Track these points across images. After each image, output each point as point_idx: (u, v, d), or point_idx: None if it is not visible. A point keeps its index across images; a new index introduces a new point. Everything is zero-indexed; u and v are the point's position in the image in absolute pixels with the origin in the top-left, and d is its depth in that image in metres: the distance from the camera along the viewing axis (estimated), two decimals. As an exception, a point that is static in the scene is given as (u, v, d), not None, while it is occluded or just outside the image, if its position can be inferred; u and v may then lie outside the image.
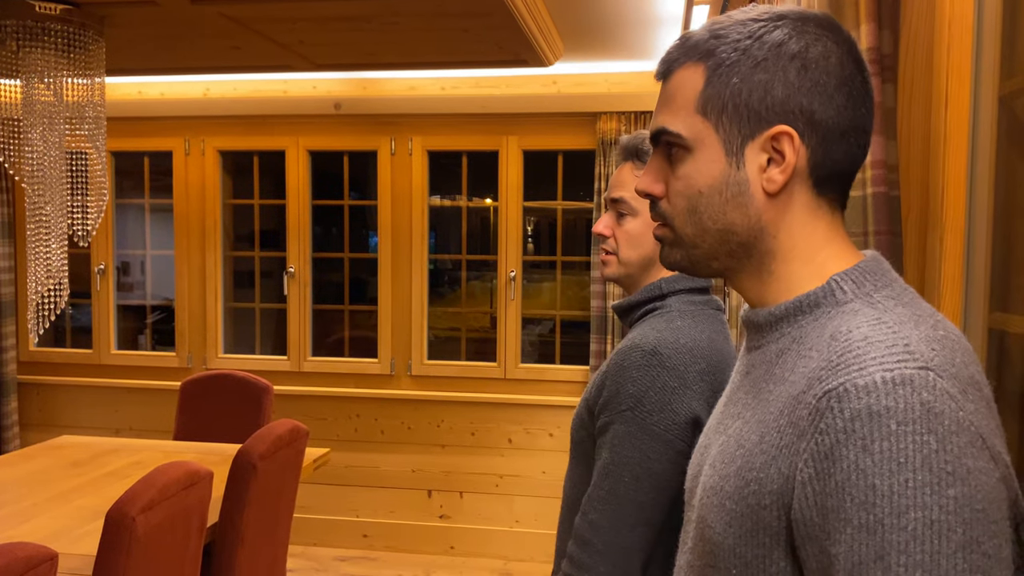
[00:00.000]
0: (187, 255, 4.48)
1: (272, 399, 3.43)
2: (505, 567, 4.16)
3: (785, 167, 0.75)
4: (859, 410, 0.62)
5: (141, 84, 4.34)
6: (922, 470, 0.60)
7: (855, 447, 0.62)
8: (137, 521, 1.89)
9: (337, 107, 4.23)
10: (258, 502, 2.49)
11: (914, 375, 0.63)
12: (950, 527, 0.59)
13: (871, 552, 0.60)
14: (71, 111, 2.65)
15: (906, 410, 0.61)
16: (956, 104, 1.09)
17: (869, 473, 0.61)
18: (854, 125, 0.75)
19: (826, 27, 0.76)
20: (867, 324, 0.69)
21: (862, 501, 0.61)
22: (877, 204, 1.28)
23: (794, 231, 0.77)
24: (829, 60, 0.74)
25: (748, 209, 0.77)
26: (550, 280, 4.60)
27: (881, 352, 0.65)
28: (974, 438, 0.62)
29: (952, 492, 0.60)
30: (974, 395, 0.65)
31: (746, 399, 0.79)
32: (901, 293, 0.74)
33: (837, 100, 0.74)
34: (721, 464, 0.76)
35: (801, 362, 0.72)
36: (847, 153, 0.76)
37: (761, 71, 0.74)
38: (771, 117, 0.75)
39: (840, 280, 0.75)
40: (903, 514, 0.60)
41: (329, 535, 4.37)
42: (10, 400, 4.52)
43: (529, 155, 4.23)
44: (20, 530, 2.34)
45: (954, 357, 0.66)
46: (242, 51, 3.32)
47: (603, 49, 3.61)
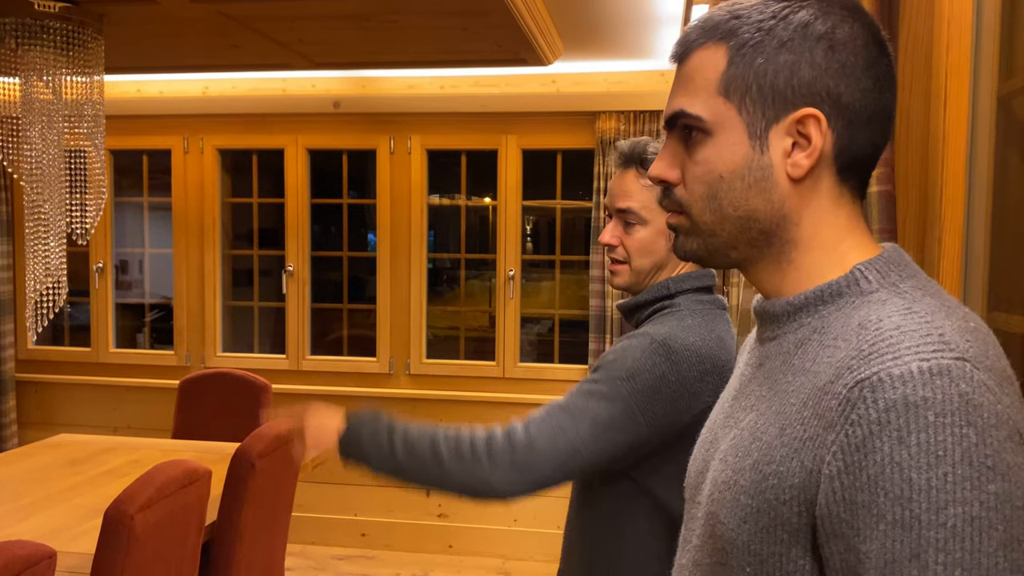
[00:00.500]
0: (186, 253, 4.48)
1: (271, 398, 3.43)
2: (503, 566, 4.16)
3: (811, 151, 0.72)
4: (895, 400, 0.60)
5: (140, 82, 4.34)
6: (962, 464, 0.57)
7: (890, 439, 0.59)
8: (136, 519, 1.89)
9: (336, 106, 4.23)
10: (256, 500, 2.49)
11: (951, 365, 0.60)
12: (991, 524, 0.56)
13: (906, 549, 0.58)
14: (70, 109, 2.65)
15: (944, 401, 0.59)
16: (955, 104, 1.10)
17: (905, 466, 0.58)
18: (879, 110, 0.73)
19: (851, 9, 0.73)
20: (898, 313, 0.66)
21: (897, 496, 0.58)
22: (882, 202, 1.27)
23: (817, 219, 0.75)
24: (856, 42, 0.72)
25: (771, 195, 0.74)
26: (549, 279, 4.60)
27: (916, 341, 0.62)
28: (1012, 432, 0.59)
29: (993, 488, 0.57)
30: (1008, 388, 0.62)
31: (760, 391, 0.76)
32: (926, 284, 0.72)
33: (864, 83, 0.72)
34: (734, 458, 0.73)
35: (825, 352, 0.70)
36: (870, 139, 0.74)
37: (787, 52, 0.72)
38: (797, 100, 0.72)
39: (864, 269, 0.72)
40: (942, 510, 0.57)
41: (327, 534, 4.37)
42: (8, 398, 4.52)
43: (528, 154, 4.23)
44: (18, 528, 2.34)
45: (987, 349, 0.64)
46: (241, 49, 3.32)
47: (602, 48, 3.61)
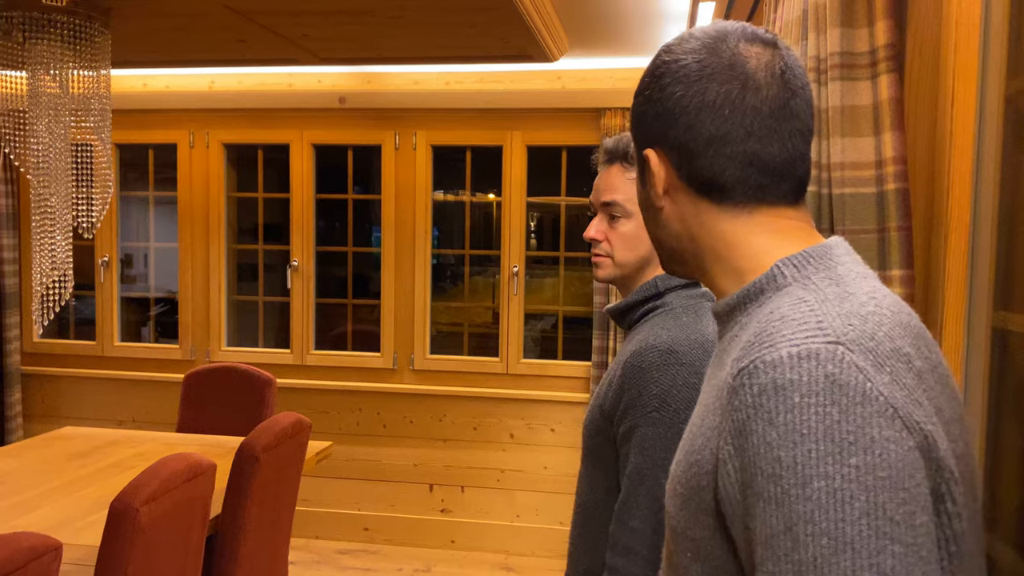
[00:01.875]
0: (191, 248, 4.49)
1: (275, 392, 3.44)
2: (506, 561, 4.17)
3: (656, 183, 0.84)
4: (765, 384, 0.64)
5: (146, 76, 4.34)
6: (824, 440, 0.61)
7: (762, 421, 0.63)
8: (141, 512, 1.89)
9: (342, 101, 4.23)
10: (261, 494, 2.50)
11: (820, 349, 0.64)
12: (852, 495, 0.60)
13: (780, 524, 0.62)
14: (76, 103, 2.65)
15: (809, 383, 0.63)
16: (962, 103, 1.09)
17: (774, 445, 0.62)
18: (718, 132, 0.79)
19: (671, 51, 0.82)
20: (788, 305, 0.71)
21: (770, 474, 0.62)
22: (900, 199, 1.27)
23: (707, 233, 0.82)
24: (673, 89, 0.81)
25: (662, 223, 0.86)
26: (552, 276, 4.60)
27: (792, 329, 0.67)
28: (882, 408, 0.62)
29: (854, 460, 0.60)
30: (895, 366, 0.65)
31: (705, 387, 0.82)
32: (844, 275, 0.75)
33: (684, 120, 0.80)
34: (679, 451, 0.79)
35: (737, 345, 0.74)
36: (717, 162, 0.79)
37: (636, 113, 0.86)
38: (643, 145, 0.85)
39: (783, 265, 0.77)
40: (807, 484, 0.61)
41: (330, 528, 4.38)
42: (14, 391, 4.53)
43: (533, 150, 4.23)
44: (23, 520, 2.35)
45: (877, 331, 0.67)
46: (247, 44, 3.33)
47: (608, 45, 3.61)
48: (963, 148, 1.10)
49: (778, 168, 0.79)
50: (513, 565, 4.13)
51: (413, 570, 4.04)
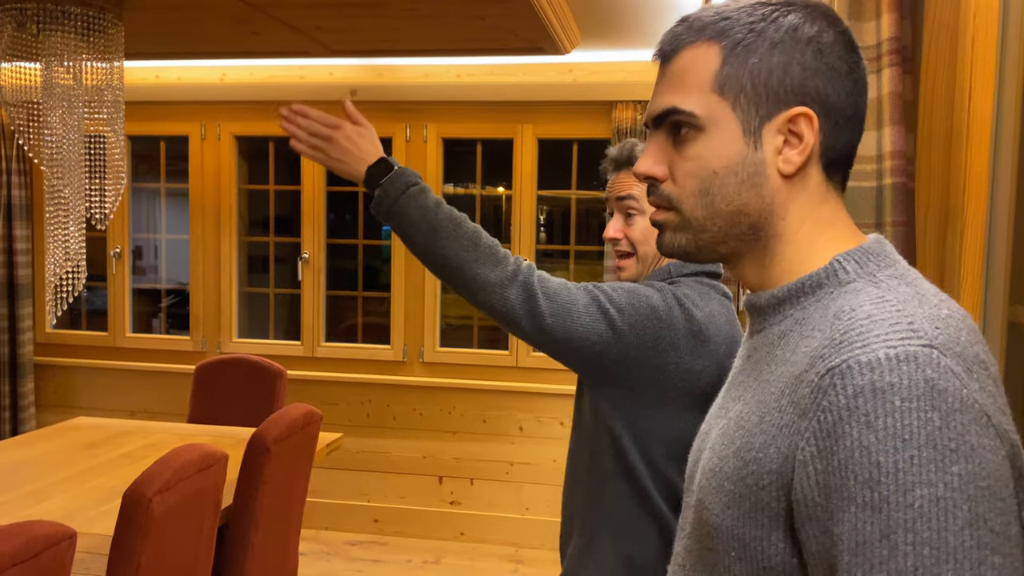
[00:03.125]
0: (202, 240, 4.50)
1: (286, 383, 3.45)
2: (515, 554, 4.18)
3: (803, 148, 0.75)
4: (862, 386, 0.62)
5: (158, 68, 4.36)
6: (927, 447, 0.59)
7: (859, 424, 0.61)
8: (154, 502, 1.91)
9: (353, 94, 4.23)
10: (272, 485, 2.51)
11: (918, 352, 0.62)
12: (956, 504, 0.58)
13: (876, 531, 0.60)
14: (90, 95, 2.66)
15: (910, 386, 0.61)
16: (980, 96, 1.09)
17: (873, 450, 0.60)
18: (857, 111, 0.77)
19: (830, 17, 0.77)
20: (870, 303, 0.68)
21: (866, 479, 0.60)
22: (896, 195, 1.27)
23: (803, 213, 0.77)
24: (838, 47, 0.75)
25: (762, 190, 0.77)
26: (562, 269, 4.60)
27: (885, 330, 0.64)
28: (978, 415, 0.61)
29: (956, 469, 0.59)
30: (979, 373, 0.64)
31: (747, 382, 0.79)
32: (905, 273, 0.74)
33: (847, 85, 0.76)
34: (720, 446, 0.76)
35: (803, 342, 0.71)
36: (850, 138, 0.78)
37: (779, 53, 0.75)
38: (789, 99, 0.75)
39: (843, 260, 0.75)
40: (909, 491, 0.59)
41: (340, 519, 4.40)
42: (27, 381, 4.57)
43: (544, 143, 4.23)
44: (37, 509, 2.37)
45: (959, 336, 0.65)
46: (259, 36, 3.33)
47: (620, 37, 3.60)
48: (980, 142, 1.10)
49: (855, 151, 0.80)
50: (522, 557, 4.14)
51: (422, 562, 4.06)
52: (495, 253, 1.31)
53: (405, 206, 1.33)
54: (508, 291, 1.29)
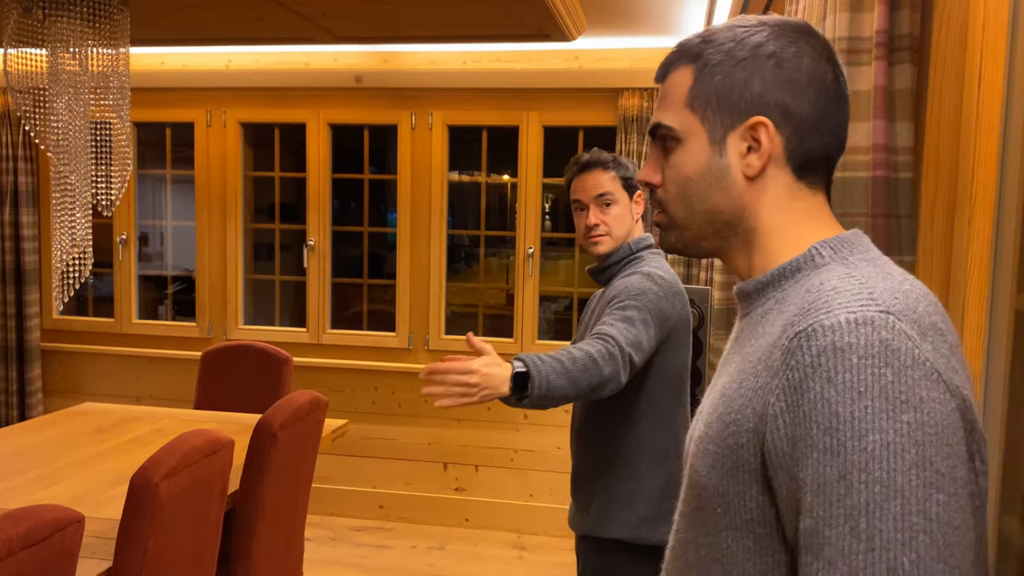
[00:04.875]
0: (208, 227, 4.51)
1: (292, 370, 3.46)
2: (519, 540, 4.20)
3: (762, 153, 0.84)
4: (825, 346, 0.70)
5: (164, 55, 4.35)
6: (879, 398, 0.67)
7: (821, 379, 0.69)
8: (160, 487, 1.92)
9: (358, 80, 4.22)
10: (278, 471, 2.52)
11: (875, 317, 0.70)
12: (904, 447, 0.66)
13: (835, 472, 0.67)
14: (96, 81, 2.66)
15: (866, 346, 0.68)
16: (989, 83, 1.08)
17: (833, 401, 0.68)
18: (823, 117, 0.84)
19: (802, 32, 0.85)
20: (837, 277, 0.77)
21: (827, 427, 0.68)
22: (876, 187, 1.27)
23: (774, 210, 0.86)
24: (802, 60, 0.83)
25: (730, 192, 0.86)
26: (567, 258, 4.59)
27: (847, 299, 0.73)
28: (929, 372, 0.68)
29: (906, 417, 0.66)
30: (934, 338, 0.72)
31: (732, 358, 0.87)
32: (875, 258, 0.82)
33: (808, 94, 0.83)
34: (707, 415, 0.84)
35: (781, 317, 0.79)
36: (820, 142, 0.85)
37: (741, 69, 0.84)
38: (749, 109, 0.84)
39: (820, 247, 0.83)
40: (863, 437, 0.66)
41: (345, 505, 4.42)
42: (34, 367, 4.59)
43: (549, 131, 4.21)
44: (45, 494, 2.38)
45: (917, 305, 0.73)
46: (265, 23, 3.32)
47: (627, 24, 3.58)
48: (989, 130, 1.09)
49: (838, 152, 0.87)
50: (526, 544, 4.16)
51: (427, 547, 4.08)
52: (602, 357, 1.69)
53: (551, 389, 1.63)
54: (622, 377, 1.71)
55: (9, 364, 4.59)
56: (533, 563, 3.96)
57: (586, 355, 1.66)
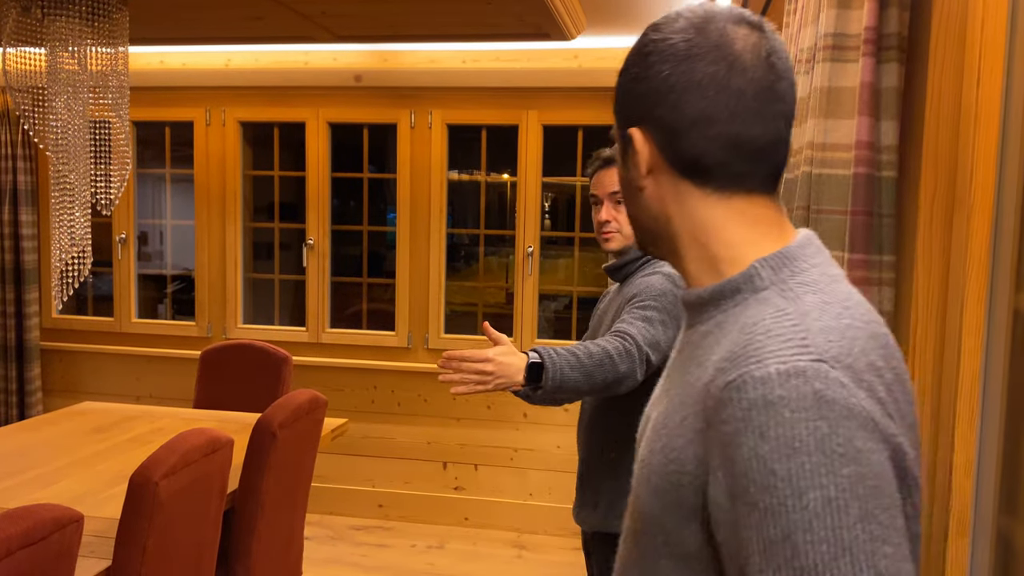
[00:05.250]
0: (207, 226, 4.51)
1: (291, 369, 3.46)
2: (518, 539, 4.20)
3: (640, 162, 0.84)
4: (755, 399, 0.67)
5: (163, 54, 4.35)
6: (816, 453, 0.64)
7: (753, 435, 0.66)
8: (160, 486, 1.92)
9: (358, 79, 4.22)
10: (277, 470, 2.52)
11: (807, 367, 0.67)
12: (847, 503, 0.63)
13: (778, 532, 0.64)
14: (95, 80, 2.66)
15: (799, 399, 0.65)
16: (988, 80, 1.08)
17: (767, 459, 0.65)
18: (698, 118, 0.79)
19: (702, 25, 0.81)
20: (771, 317, 0.73)
21: (764, 485, 0.65)
22: (856, 185, 1.27)
23: (684, 217, 0.83)
24: (661, 66, 0.81)
25: (639, 199, 0.86)
26: (567, 256, 4.59)
27: (778, 345, 0.69)
28: (865, 421, 0.66)
29: (846, 471, 0.64)
30: (871, 381, 0.69)
31: (675, 376, 0.84)
32: (817, 280, 0.77)
33: (669, 99, 0.80)
34: (650, 439, 0.82)
35: (716, 349, 0.76)
36: (701, 144, 0.80)
37: (621, 91, 0.87)
38: (627, 124, 0.85)
39: (760, 266, 0.79)
40: (803, 495, 0.64)
41: (345, 504, 4.42)
42: (33, 366, 4.59)
43: (549, 130, 4.21)
44: (44, 493, 2.38)
45: (852, 347, 0.70)
46: (264, 22, 3.32)
47: (626, 23, 3.58)
48: (988, 128, 1.09)
49: (759, 151, 0.80)
50: (525, 543, 4.16)
51: (426, 546, 4.08)
52: (619, 354, 1.71)
53: (564, 381, 1.63)
54: (638, 375, 1.74)
55: (8, 363, 4.59)
56: (533, 562, 3.96)
57: (603, 351, 1.68)
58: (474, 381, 1.60)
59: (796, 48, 1.52)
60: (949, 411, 1.16)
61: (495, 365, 1.60)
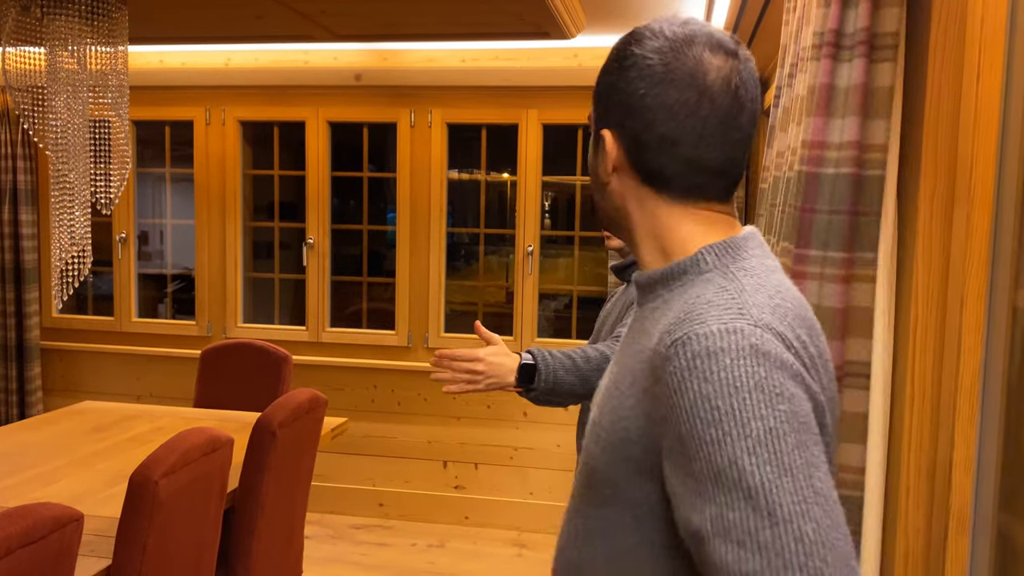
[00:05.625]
0: (207, 225, 4.51)
1: (291, 368, 3.46)
2: (518, 538, 4.20)
3: (607, 161, 0.93)
4: (698, 351, 0.76)
5: (163, 53, 4.35)
6: (756, 391, 0.73)
7: (697, 379, 0.75)
8: (160, 485, 1.92)
9: (358, 78, 4.22)
10: (277, 469, 2.52)
11: (744, 327, 0.77)
12: (785, 432, 0.72)
13: (725, 460, 0.71)
14: (95, 79, 2.66)
15: (738, 349, 0.75)
16: (988, 78, 1.08)
17: (712, 397, 0.73)
18: (666, 138, 0.88)
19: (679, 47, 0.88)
20: (712, 291, 0.83)
21: (709, 420, 0.73)
22: (840, 184, 1.27)
23: (642, 212, 0.93)
24: (638, 84, 0.88)
25: (604, 191, 0.96)
26: (566, 256, 4.59)
27: (718, 312, 0.79)
28: (794, 374, 0.76)
29: (782, 407, 0.73)
30: (797, 349, 0.79)
31: (624, 349, 0.94)
32: (756, 267, 0.87)
33: (641, 116, 0.88)
34: (601, 403, 0.91)
35: (663, 320, 0.85)
36: (661, 160, 0.89)
37: (599, 89, 0.94)
38: (600, 125, 0.94)
39: (706, 252, 0.89)
40: (746, 425, 0.72)
41: (345, 503, 4.42)
42: (34, 365, 4.59)
43: (548, 129, 4.21)
44: (44, 492, 2.38)
45: (782, 320, 0.81)
46: (264, 21, 3.32)
47: (625, 22, 3.58)
48: (988, 124, 1.09)
49: (716, 170, 0.89)
50: (525, 541, 4.16)
51: (427, 545, 4.08)
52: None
53: (559, 384, 1.62)
54: None
55: (9, 362, 4.59)
56: (533, 561, 3.96)
57: (601, 356, 1.66)
58: (464, 380, 1.60)
59: (798, 47, 1.52)
60: (949, 408, 1.16)
61: (485, 365, 1.60)
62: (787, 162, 1.49)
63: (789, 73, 1.55)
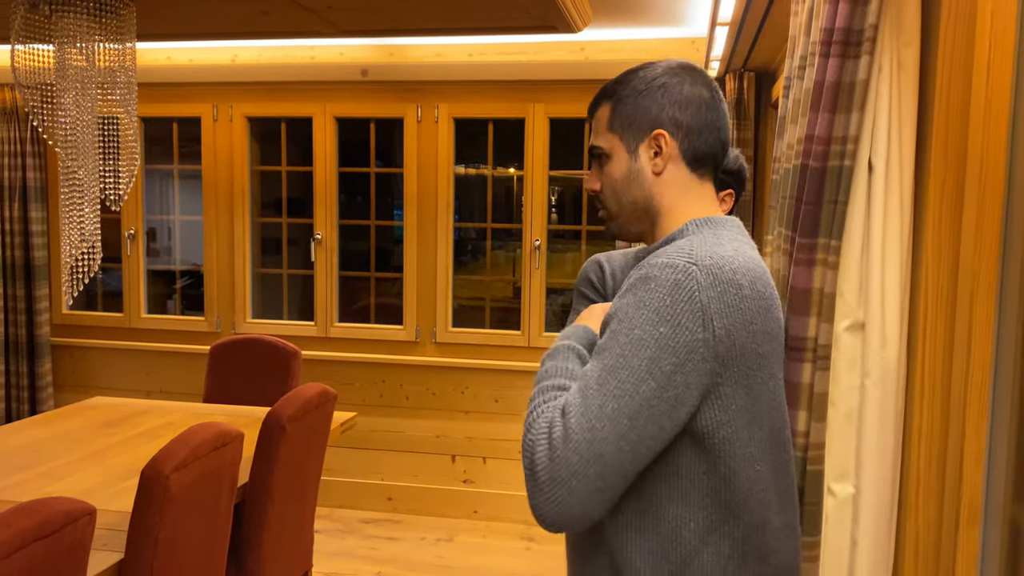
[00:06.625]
0: (216, 221, 4.52)
1: (300, 363, 3.47)
2: (527, 531, 4.21)
3: (664, 156, 1.17)
4: (643, 275, 1.04)
5: (170, 50, 4.36)
6: (650, 311, 1.01)
7: (632, 292, 1.04)
8: (171, 479, 1.93)
9: (364, 74, 4.22)
10: (287, 463, 2.53)
11: (680, 263, 1.02)
12: (647, 344, 1.00)
13: (606, 343, 1.03)
14: (103, 76, 2.67)
15: (663, 279, 1.02)
16: (998, 71, 1.08)
17: (629, 305, 1.03)
18: (704, 125, 1.17)
19: (685, 68, 1.19)
20: (683, 240, 1.11)
21: (620, 318, 1.03)
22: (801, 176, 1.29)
23: (674, 196, 1.19)
24: (683, 86, 1.17)
25: (643, 185, 1.19)
26: (573, 250, 4.59)
27: (674, 251, 1.05)
28: (696, 308, 1.00)
29: (662, 329, 1.00)
30: (728, 292, 1.02)
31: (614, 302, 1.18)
32: (723, 235, 1.12)
33: (691, 109, 1.17)
34: None
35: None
36: (706, 143, 1.18)
37: (643, 98, 1.18)
38: (651, 125, 1.17)
39: (691, 223, 1.16)
40: (632, 330, 1.01)
41: (354, 498, 4.44)
42: (44, 362, 4.62)
43: (555, 123, 4.21)
44: (56, 487, 2.40)
45: (725, 265, 1.03)
46: (271, 16, 3.32)
47: (632, 16, 3.57)
48: (998, 117, 1.09)
49: (719, 151, 1.20)
50: (534, 535, 4.17)
51: (436, 539, 4.10)
52: None
53: None
54: None
55: (20, 359, 4.62)
56: (541, 554, 3.97)
57: None
58: None
59: (808, 40, 1.51)
60: (960, 399, 1.16)
61: None
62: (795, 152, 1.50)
63: (799, 65, 1.54)
